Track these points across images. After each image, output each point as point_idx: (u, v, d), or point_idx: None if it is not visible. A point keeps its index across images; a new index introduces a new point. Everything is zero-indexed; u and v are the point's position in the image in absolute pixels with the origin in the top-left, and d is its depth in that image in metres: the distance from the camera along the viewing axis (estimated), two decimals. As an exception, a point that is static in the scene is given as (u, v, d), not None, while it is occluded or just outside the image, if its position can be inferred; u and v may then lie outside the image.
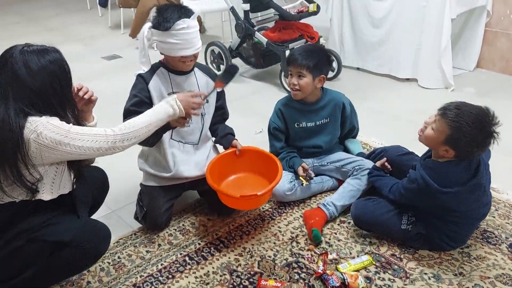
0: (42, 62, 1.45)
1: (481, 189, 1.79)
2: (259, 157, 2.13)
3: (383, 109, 3.23)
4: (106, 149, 1.52)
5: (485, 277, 1.79)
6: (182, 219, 2.15)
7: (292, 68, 2.17)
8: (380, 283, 1.77)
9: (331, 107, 2.27)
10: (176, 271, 1.85)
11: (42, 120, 1.43)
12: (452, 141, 1.71)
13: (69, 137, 1.45)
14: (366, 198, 2.06)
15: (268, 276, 1.81)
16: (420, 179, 1.78)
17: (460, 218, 1.83)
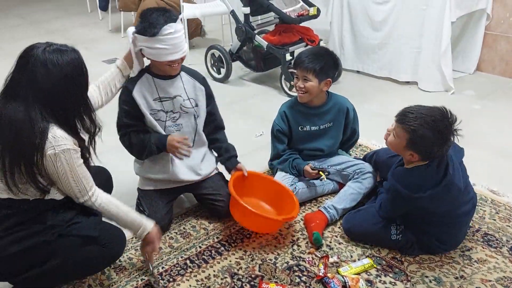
0: (60, 63, 1.49)
1: (455, 188, 1.78)
2: (274, 187, 2.17)
3: (383, 112, 3.24)
4: (77, 199, 1.61)
5: (486, 280, 1.79)
6: (183, 222, 2.15)
7: (298, 71, 2.17)
8: (381, 286, 1.77)
9: (335, 112, 2.27)
10: (177, 274, 1.85)
11: (64, 145, 1.50)
12: (412, 145, 1.74)
13: (73, 173, 1.54)
14: (356, 210, 2.06)
15: (269, 279, 1.81)
16: (393, 188, 1.81)
17: (445, 218, 1.84)
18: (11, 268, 1.56)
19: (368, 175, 2.21)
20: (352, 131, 2.40)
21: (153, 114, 2.00)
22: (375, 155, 2.28)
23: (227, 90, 3.68)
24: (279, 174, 2.29)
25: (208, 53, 3.84)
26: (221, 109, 2.23)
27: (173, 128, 2.05)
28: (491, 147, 2.70)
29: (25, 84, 1.47)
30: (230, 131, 3.03)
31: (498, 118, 3.09)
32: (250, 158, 2.69)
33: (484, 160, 2.55)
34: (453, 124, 1.73)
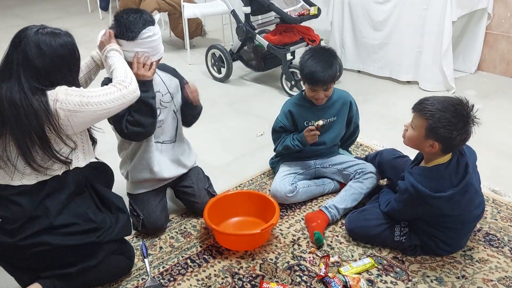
0: (53, 44, 1.52)
1: (473, 189, 1.78)
2: (255, 199, 2.14)
3: (384, 112, 3.23)
4: (122, 96, 1.63)
5: (487, 280, 1.79)
6: (184, 222, 2.15)
7: (318, 87, 2.14)
8: (382, 286, 1.76)
9: (340, 105, 2.28)
10: (177, 273, 1.84)
11: (59, 90, 1.52)
12: (432, 132, 1.71)
13: (86, 96, 1.55)
14: (360, 210, 2.05)
15: (270, 279, 1.81)
16: (411, 187, 1.75)
17: (456, 223, 1.82)
18: (52, 261, 1.60)
19: (370, 175, 2.20)
20: (355, 126, 2.40)
21: None
22: (379, 155, 2.27)
23: (227, 90, 3.68)
24: (280, 172, 2.29)
25: (208, 52, 3.84)
26: (221, 109, 2.24)
27: None
28: (492, 147, 2.69)
29: (16, 63, 1.50)
30: (231, 130, 3.04)
31: (499, 117, 3.08)
32: (251, 158, 2.69)
33: (485, 160, 2.54)
34: (471, 110, 1.71)
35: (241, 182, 2.44)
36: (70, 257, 1.61)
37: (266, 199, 2.09)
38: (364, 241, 1.99)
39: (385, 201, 1.97)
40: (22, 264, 1.61)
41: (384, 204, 1.96)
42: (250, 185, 2.42)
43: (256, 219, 2.09)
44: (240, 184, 2.42)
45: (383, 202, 1.98)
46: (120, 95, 1.63)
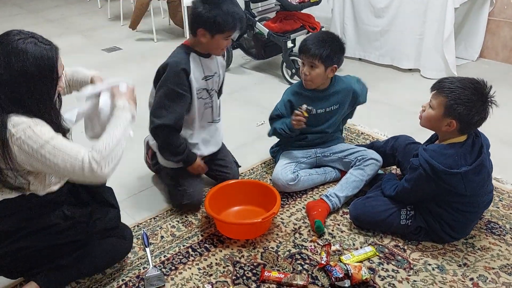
0: (24, 58, 1.34)
1: (486, 171, 1.78)
2: (255, 188, 2.14)
3: (386, 100, 3.21)
4: (82, 175, 1.40)
5: (489, 268, 1.79)
6: (185, 211, 2.14)
7: (304, 58, 2.14)
8: (383, 274, 1.76)
9: (342, 94, 2.25)
10: (179, 262, 1.84)
11: (23, 125, 1.35)
12: (451, 109, 1.71)
13: (45, 150, 1.36)
14: (364, 197, 2.04)
15: (271, 267, 1.80)
16: (425, 163, 1.74)
17: (466, 205, 1.82)
18: (41, 259, 1.56)
19: (371, 162, 2.19)
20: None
21: (198, 94, 2.03)
22: (394, 140, 2.26)
23: (227, 78, 3.60)
24: (281, 161, 2.28)
25: (208, 41, 3.81)
26: (221, 98, 2.23)
27: (208, 106, 2.11)
28: (494, 135, 2.66)
29: None
30: (231, 120, 3.02)
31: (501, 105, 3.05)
32: (251, 147, 2.68)
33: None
34: (489, 90, 1.71)
35: (242, 172, 2.43)
36: (60, 251, 1.57)
37: (267, 188, 2.08)
38: (369, 228, 1.98)
39: (391, 186, 1.96)
40: (14, 269, 1.58)
41: (391, 188, 1.95)
42: (250, 174, 2.42)
43: (257, 208, 2.09)
44: (241, 174, 2.41)
45: (388, 188, 1.97)
46: (81, 172, 1.39)
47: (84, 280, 1.75)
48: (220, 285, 1.73)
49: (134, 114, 1.61)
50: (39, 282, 1.55)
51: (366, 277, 1.70)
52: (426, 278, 1.74)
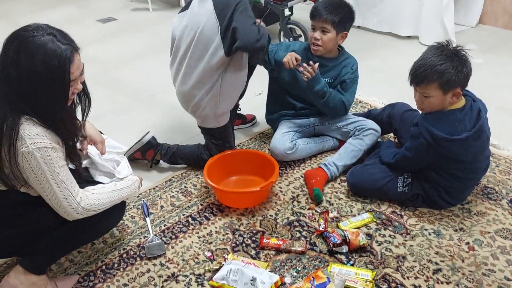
0: (34, 55, 1.27)
1: (485, 136, 1.79)
2: (254, 158, 2.14)
3: (384, 68, 3.19)
4: (64, 210, 1.41)
5: (485, 232, 1.81)
6: (184, 181, 2.16)
7: (315, 23, 2.10)
8: (380, 240, 1.79)
9: (341, 68, 2.22)
10: (179, 231, 1.87)
11: (40, 142, 1.33)
12: (447, 84, 1.70)
13: (53, 175, 1.36)
14: (362, 165, 2.05)
15: (270, 235, 1.83)
16: (425, 132, 1.75)
17: (464, 172, 1.83)
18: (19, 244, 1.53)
19: (370, 132, 2.19)
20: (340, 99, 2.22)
21: None
22: (391, 108, 2.25)
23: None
24: (279, 130, 2.28)
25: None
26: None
27: None
28: (492, 101, 2.66)
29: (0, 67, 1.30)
30: (229, 89, 3.01)
31: (500, 72, 3.04)
32: (249, 117, 2.67)
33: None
34: (451, 45, 1.74)
35: (240, 141, 2.44)
36: (42, 233, 1.52)
37: (265, 158, 2.09)
38: (366, 195, 2.01)
39: (390, 153, 1.97)
40: None
41: (390, 156, 1.96)
42: (249, 144, 2.42)
43: (256, 177, 2.10)
44: (239, 144, 2.42)
45: (387, 155, 1.98)
46: (70, 209, 1.40)
47: (85, 249, 1.78)
48: (220, 253, 1.76)
49: (136, 193, 1.66)
50: (25, 265, 1.51)
51: (363, 242, 1.73)
52: (423, 242, 1.77)
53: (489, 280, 1.62)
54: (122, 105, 2.85)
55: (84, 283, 1.65)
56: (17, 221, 1.47)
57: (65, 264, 1.72)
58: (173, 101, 2.86)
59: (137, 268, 1.70)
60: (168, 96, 2.93)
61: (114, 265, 1.72)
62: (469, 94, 1.81)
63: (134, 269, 1.70)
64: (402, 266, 1.67)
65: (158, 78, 3.15)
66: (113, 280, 1.66)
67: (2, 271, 1.69)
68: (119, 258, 1.74)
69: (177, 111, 2.81)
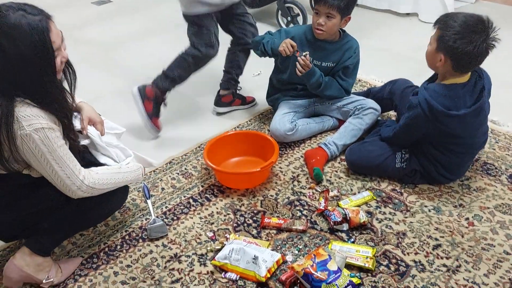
0: (15, 40, 1.25)
1: (483, 113, 1.78)
2: (254, 139, 2.14)
3: (383, 46, 3.17)
4: (68, 188, 1.42)
5: (484, 207, 1.83)
6: (184, 163, 2.16)
7: (320, 8, 2.06)
8: (381, 217, 1.80)
9: (343, 52, 2.19)
10: (180, 212, 1.88)
11: (36, 123, 1.32)
12: (440, 41, 1.69)
13: (53, 155, 1.36)
14: (361, 143, 2.05)
15: (271, 214, 1.84)
16: (424, 102, 1.72)
17: (461, 147, 1.83)
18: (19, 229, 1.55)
19: (370, 111, 2.19)
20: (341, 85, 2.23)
21: None
22: (392, 84, 2.24)
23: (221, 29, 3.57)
24: (279, 111, 2.28)
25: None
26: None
27: None
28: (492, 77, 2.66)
29: None
30: (227, 70, 2.99)
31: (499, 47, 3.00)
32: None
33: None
34: (487, 27, 1.66)
35: (240, 123, 2.43)
36: (45, 214, 1.53)
37: (265, 138, 2.09)
38: (364, 172, 2.01)
39: (389, 130, 1.96)
40: None
41: (390, 131, 1.95)
42: (248, 125, 2.42)
43: (256, 158, 2.11)
44: (239, 125, 2.42)
45: (386, 131, 1.98)
46: (74, 187, 1.41)
47: (88, 232, 1.79)
48: (221, 233, 1.77)
49: (139, 179, 1.68)
50: (30, 247, 1.52)
51: (363, 220, 1.74)
52: (422, 219, 1.79)
53: (488, 255, 1.63)
54: (120, 87, 2.84)
55: (87, 265, 1.66)
56: (21, 203, 1.48)
57: (68, 247, 1.74)
58: (171, 83, 2.86)
59: (139, 249, 1.72)
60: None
61: (116, 247, 1.73)
62: (476, 70, 1.78)
63: (137, 251, 1.71)
64: (402, 243, 1.69)
65: (155, 60, 3.11)
66: (116, 262, 1.67)
67: (6, 255, 1.71)
68: (122, 240, 1.76)
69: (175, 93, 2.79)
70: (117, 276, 1.62)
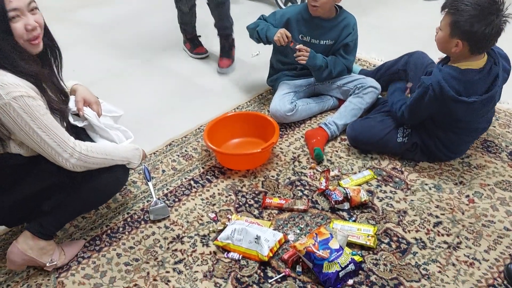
0: None
1: (492, 102, 1.77)
2: (254, 120, 2.13)
3: (382, 25, 3.13)
4: (61, 157, 1.39)
5: (485, 185, 1.83)
6: (184, 145, 2.16)
7: None
8: (381, 196, 1.81)
9: (340, 29, 2.17)
10: (182, 194, 1.88)
11: (15, 91, 1.29)
12: (455, 27, 1.65)
13: (37, 123, 1.33)
14: (362, 118, 2.05)
15: (272, 195, 1.85)
16: (436, 84, 1.71)
17: (463, 130, 1.83)
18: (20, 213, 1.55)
19: (370, 90, 2.17)
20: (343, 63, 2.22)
21: None
22: (409, 56, 2.18)
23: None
24: (278, 91, 2.26)
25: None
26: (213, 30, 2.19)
27: None
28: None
29: None
30: (225, 51, 2.96)
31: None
32: (248, 78, 2.65)
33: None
34: (499, 5, 1.62)
35: (239, 104, 2.42)
36: (45, 196, 1.52)
37: (265, 119, 2.08)
38: (365, 148, 2.01)
39: (398, 102, 1.94)
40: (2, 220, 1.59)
41: (398, 104, 1.93)
42: (248, 106, 2.41)
43: (256, 139, 2.10)
44: (238, 106, 2.41)
45: (396, 102, 1.95)
46: (61, 156, 1.38)
47: (90, 214, 1.80)
48: (223, 214, 1.78)
49: (133, 166, 1.64)
50: (32, 230, 1.52)
51: (364, 199, 1.75)
52: (423, 197, 1.79)
53: (488, 231, 1.64)
54: (117, 69, 2.82)
55: (90, 247, 1.67)
56: (18, 186, 1.48)
57: (70, 229, 1.74)
58: (169, 65, 2.84)
59: (142, 231, 1.73)
60: (165, 59, 2.90)
61: (119, 229, 1.74)
62: (493, 55, 1.74)
63: (139, 232, 1.72)
64: (403, 221, 1.70)
65: (153, 41, 3.10)
66: (119, 244, 1.68)
67: (9, 238, 1.71)
68: (124, 222, 1.76)
69: (174, 75, 2.78)
70: (120, 257, 1.63)
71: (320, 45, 2.19)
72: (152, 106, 2.46)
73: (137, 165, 1.66)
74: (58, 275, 1.58)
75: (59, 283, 1.56)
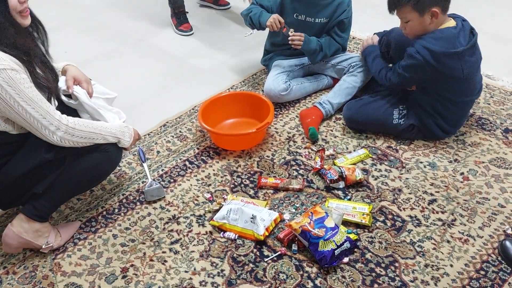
0: None
1: (478, 52, 1.80)
2: (248, 100, 2.11)
3: (376, 3, 3.09)
4: (47, 130, 1.38)
5: (479, 162, 1.84)
6: (179, 126, 2.14)
7: None
8: (376, 174, 1.82)
9: (335, 6, 2.14)
10: (177, 175, 1.88)
11: (10, 67, 1.29)
12: (422, 4, 1.70)
13: (22, 96, 1.32)
14: (358, 99, 2.04)
15: (267, 175, 1.85)
16: (423, 50, 1.73)
17: (459, 94, 1.83)
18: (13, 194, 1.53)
19: (364, 68, 2.16)
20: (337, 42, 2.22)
21: None
22: (387, 36, 2.16)
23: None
24: (272, 71, 2.25)
25: None
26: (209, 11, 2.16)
27: None
28: (486, 32, 2.63)
29: None
30: (220, 33, 2.93)
31: (494, 1, 2.97)
32: (242, 58, 2.63)
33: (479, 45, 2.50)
34: None
35: (233, 84, 2.40)
36: (37, 177, 1.49)
37: (260, 99, 2.07)
38: (361, 128, 2.01)
39: (378, 66, 1.98)
40: None
41: (378, 67, 1.98)
42: (242, 86, 2.39)
43: (251, 119, 2.09)
44: (233, 86, 2.39)
45: (375, 65, 2.00)
46: (49, 129, 1.38)
47: (85, 196, 1.79)
48: (219, 194, 1.78)
49: (124, 145, 1.62)
50: (26, 213, 1.51)
51: (360, 177, 1.75)
52: (418, 175, 1.80)
53: (483, 208, 1.66)
54: (109, 50, 2.78)
55: (86, 229, 1.67)
56: (9, 166, 1.46)
57: (65, 211, 1.74)
58: (162, 45, 2.80)
59: (137, 212, 1.73)
60: (157, 39, 2.86)
61: (114, 210, 1.74)
62: (457, 16, 1.81)
63: (135, 213, 1.72)
64: (398, 199, 1.71)
65: (144, 22, 3.05)
66: (114, 225, 1.68)
67: (4, 221, 1.71)
68: (119, 204, 1.76)
69: (166, 55, 2.75)
70: (116, 238, 1.63)
71: (315, 23, 2.16)
72: (145, 86, 2.43)
73: (129, 144, 1.63)
74: (54, 257, 1.58)
75: (56, 265, 1.56)
